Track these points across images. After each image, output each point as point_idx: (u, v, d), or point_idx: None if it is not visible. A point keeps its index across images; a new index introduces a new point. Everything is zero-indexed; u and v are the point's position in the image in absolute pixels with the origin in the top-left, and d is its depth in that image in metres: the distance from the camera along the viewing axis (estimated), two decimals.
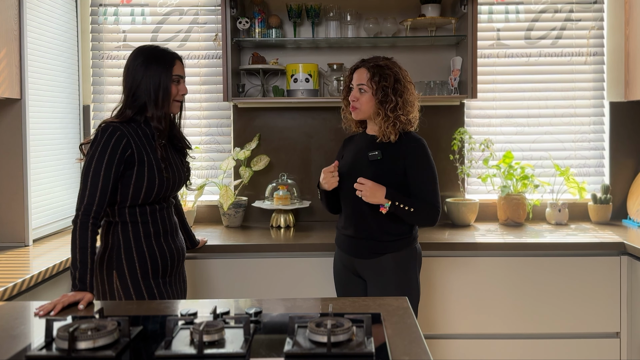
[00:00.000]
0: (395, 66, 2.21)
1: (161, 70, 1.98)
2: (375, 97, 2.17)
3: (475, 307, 2.68)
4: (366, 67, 2.20)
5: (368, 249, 2.21)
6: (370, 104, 2.19)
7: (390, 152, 2.20)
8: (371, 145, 2.23)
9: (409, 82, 2.22)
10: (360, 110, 2.21)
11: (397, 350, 1.32)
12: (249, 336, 1.35)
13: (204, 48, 3.28)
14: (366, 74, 2.19)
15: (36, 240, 2.71)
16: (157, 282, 1.99)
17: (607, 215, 3.15)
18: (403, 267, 2.19)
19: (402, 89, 2.18)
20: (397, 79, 2.18)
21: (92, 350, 1.28)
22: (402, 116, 2.17)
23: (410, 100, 2.20)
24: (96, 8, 3.26)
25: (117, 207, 1.96)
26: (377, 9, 3.17)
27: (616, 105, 3.24)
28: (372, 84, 2.17)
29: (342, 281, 2.33)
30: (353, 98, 2.22)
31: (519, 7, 3.27)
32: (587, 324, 2.67)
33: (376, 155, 2.18)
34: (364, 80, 2.19)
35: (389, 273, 2.18)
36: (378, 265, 2.19)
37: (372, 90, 2.17)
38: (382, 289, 2.17)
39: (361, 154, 2.24)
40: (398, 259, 2.19)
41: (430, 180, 2.19)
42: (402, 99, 2.17)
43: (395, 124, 2.17)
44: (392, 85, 2.16)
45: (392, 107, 2.15)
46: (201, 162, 3.30)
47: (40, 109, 2.78)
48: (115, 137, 1.91)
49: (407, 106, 2.19)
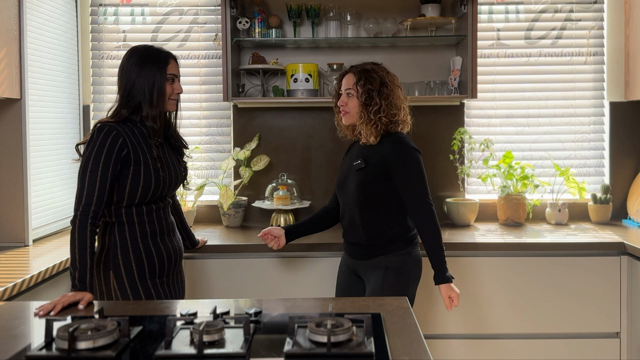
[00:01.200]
0: (382, 70, 2.23)
1: (155, 69, 1.98)
2: (359, 99, 2.19)
3: (475, 307, 2.68)
4: (353, 72, 2.24)
5: (361, 253, 2.25)
6: (357, 108, 2.21)
7: (372, 158, 2.20)
8: (360, 153, 2.26)
9: (396, 86, 2.23)
10: (350, 114, 2.24)
11: (397, 350, 1.32)
12: (249, 336, 1.35)
13: (204, 48, 3.28)
14: (353, 78, 2.22)
15: (36, 240, 2.71)
16: (154, 282, 1.99)
17: (607, 215, 3.15)
18: (396, 271, 2.19)
19: (388, 92, 2.19)
20: (383, 83, 2.19)
21: (92, 350, 1.28)
22: (384, 118, 2.18)
23: (396, 104, 2.21)
24: (96, 8, 3.26)
25: (113, 207, 1.96)
26: (377, 9, 3.16)
27: (616, 105, 3.24)
28: (358, 87, 2.19)
29: (343, 281, 2.37)
30: (342, 103, 2.25)
31: (519, 7, 3.26)
32: (587, 324, 2.67)
33: (359, 164, 2.20)
34: (351, 84, 2.21)
35: (383, 275, 2.19)
36: (372, 267, 2.22)
37: (358, 93, 2.20)
38: (376, 291, 2.18)
39: (351, 163, 2.28)
40: (392, 263, 2.19)
41: (414, 186, 2.16)
42: (387, 102, 2.18)
43: (376, 126, 2.18)
44: (378, 88, 2.18)
45: (375, 109, 2.17)
46: (201, 162, 3.30)
47: (40, 109, 2.78)
48: (111, 136, 1.91)
49: (392, 109, 2.19)
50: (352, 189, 2.22)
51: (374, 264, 2.22)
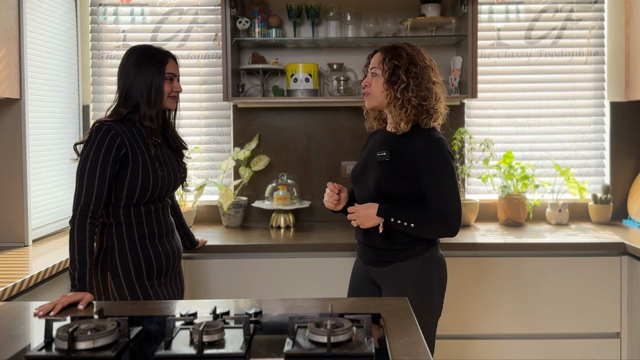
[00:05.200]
0: (415, 50, 2.00)
1: (153, 68, 1.98)
2: (384, 77, 1.97)
3: (475, 307, 2.68)
4: (381, 50, 2.03)
5: (376, 257, 2.05)
6: (382, 87, 1.99)
7: (401, 152, 1.97)
8: (384, 143, 2.03)
9: (429, 67, 1.98)
10: (371, 95, 2.02)
11: (397, 350, 1.31)
12: (248, 336, 1.35)
13: (204, 48, 3.28)
14: (380, 56, 2.01)
15: (36, 240, 2.70)
16: (152, 283, 1.99)
17: (607, 215, 3.15)
18: (416, 277, 1.98)
19: (418, 71, 1.95)
20: (412, 62, 1.96)
21: (92, 350, 1.28)
22: (414, 99, 1.93)
23: (426, 86, 1.95)
24: (96, 8, 3.25)
25: (111, 208, 1.95)
26: (377, 9, 3.16)
27: (616, 105, 3.23)
28: (384, 65, 1.98)
29: (358, 287, 2.16)
30: (365, 83, 2.04)
31: (519, 7, 3.26)
32: (588, 324, 2.66)
33: (384, 156, 1.97)
34: (377, 63, 2.01)
35: (402, 283, 1.98)
36: (390, 274, 2.01)
37: (383, 70, 1.98)
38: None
39: (373, 153, 2.05)
40: (412, 268, 1.98)
41: (443, 187, 1.91)
42: (415, 80, 1.94)
43: (406, 109, 1.93)
44: (405, 66, 1.95)
45: (402, 87, 1.93)
46: (201, 162, 3.30)
47: (40, 109, 2.77)
48: (109, 136, 1.90)
49: (422, 90, 1.94)
50: (371, 182, 2.00)
51: (390, 273, 2.00)
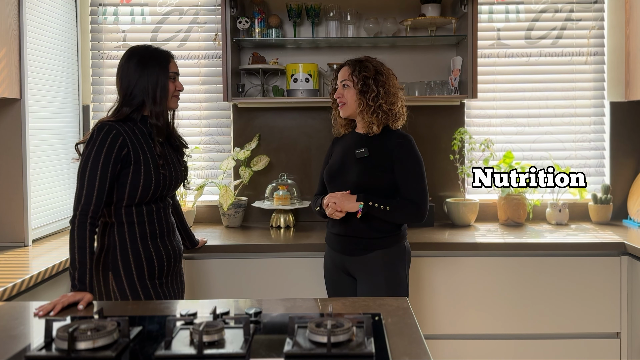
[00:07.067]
0: (376, 61, 2.26)
1: (158, 68, 1.99)
2: (356, 88, 2.21)
3: (475, 307, 2.68)
4: (347, 64, 2.27)
5: (356, 246, 2.21)
6: (355, 97, 2.22)
7: (376, 148, 2.21)
8: (359, 142, 2.25)
9: (391, 75, 2.26)
10: (347, 105, 2.25)
11: (397, 350, 1.31)
12: (248, 336, 1.35)
13: (204, 48, 3.28)
14: (348, 70, 2.24)
15: (36, 240, 2.70)
16: (154, 283, 1.99)
17: (607, 215, 3.15)
18: (391, 265, 2.19)
19: (384, 79, 2.21)
20: (378, 71, 2.22)
21: (92, 350, 1.28)
22: (384, 105, 2.19)
23: (392, 92, 2.23)
24: (96, 8, 3.25)
25: (113, 208, 1.95)
26: (377, 9, 3.16)
27: (616, 105, 3.23)
28: (354, 77, 2.21)
29: (333, 280, 2.34)
30: (338, 95, 2.26)
31: (519, 7, 3.26)
32: (588, 324, 2.66)
33: (363, 153, 2.20)
34: (347, 75, 2.24)
35: (377, 270, 2.18)
36: (367, 263, 2.20)
37: (354, 83, 2.21)
38: (371, 286, 2.17)
39: (349, 152, 2.26)
40: (387, 257, 2.19)
41: (415, 178, 2.19)
42: (383, 89, 2.20)
43: (377, 114, 2.20)
44: (373, 75, 2.20)
45: (373, 96, 2.19)
46: (201, 162, 3.30)
47: (40, 109, 2.77)
48: (111, 136, 1.90)
49: (390, 96, 2.21)
50: (352, 177, 2.21)
51: (370, 259, 2.19)
